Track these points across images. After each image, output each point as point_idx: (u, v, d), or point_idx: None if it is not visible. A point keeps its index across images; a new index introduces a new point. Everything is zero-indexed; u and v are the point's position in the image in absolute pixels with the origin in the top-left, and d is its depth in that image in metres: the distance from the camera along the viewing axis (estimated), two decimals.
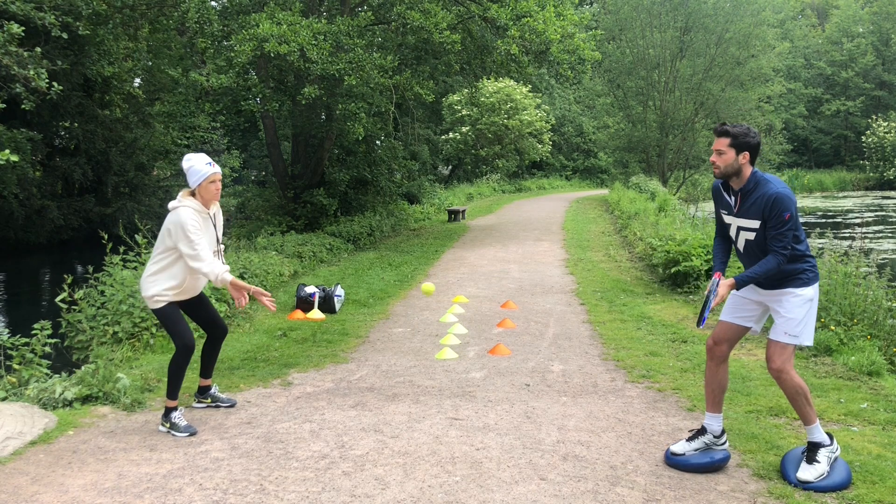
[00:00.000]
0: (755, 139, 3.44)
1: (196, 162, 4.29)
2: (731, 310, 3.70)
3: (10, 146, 15.82)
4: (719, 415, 3.71)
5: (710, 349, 3.71)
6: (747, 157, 3.44)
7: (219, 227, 4.48)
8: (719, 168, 3.48)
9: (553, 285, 9.54)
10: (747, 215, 3.48)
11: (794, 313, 3.47)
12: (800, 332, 3.47)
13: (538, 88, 33.26)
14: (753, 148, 3.44)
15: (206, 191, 4.27)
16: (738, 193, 3.50)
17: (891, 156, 41.55)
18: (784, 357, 3.45)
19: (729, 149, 3.44)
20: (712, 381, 3.70)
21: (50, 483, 3.60)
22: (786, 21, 47.62)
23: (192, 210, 4.22)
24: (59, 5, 12.94)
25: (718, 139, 3.48)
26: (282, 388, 5.21)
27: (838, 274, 6.60)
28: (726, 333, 3.68)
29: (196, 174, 4.25)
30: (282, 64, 12.93)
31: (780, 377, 3.46)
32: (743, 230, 3.54)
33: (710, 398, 3.73)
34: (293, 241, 11.90)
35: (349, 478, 3.61)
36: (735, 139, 3.43)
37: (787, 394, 3.50)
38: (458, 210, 20.40)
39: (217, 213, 4.48)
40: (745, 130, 3.44)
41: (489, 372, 5.55)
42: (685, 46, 27.35)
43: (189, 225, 4.13)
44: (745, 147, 3.43)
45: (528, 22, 12.37)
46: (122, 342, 6.31)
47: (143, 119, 23.76)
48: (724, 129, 3.47)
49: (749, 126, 3.48)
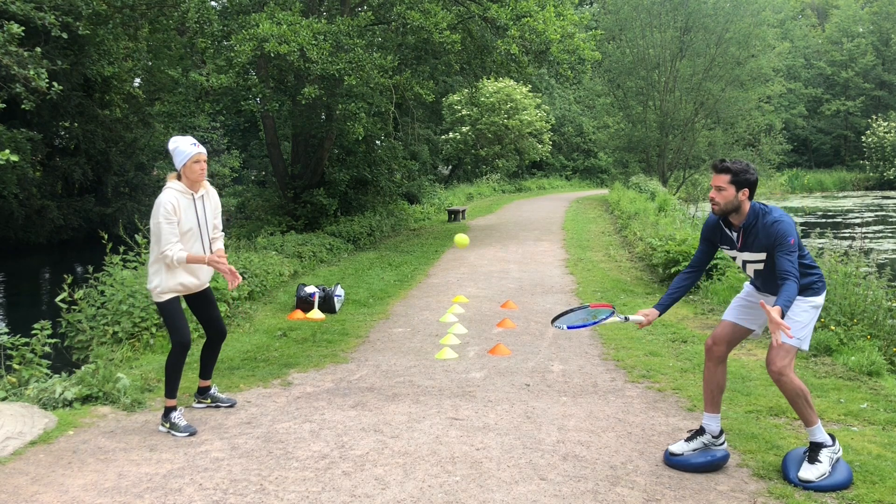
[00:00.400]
0: (754, 176, 3.49)
1: (181, 143, 4.29)
2: (735, 311, 3.72)
3: (10, 146, 15.82)
4: (717, 415, 3.72)
5: (709, 349, 3.72)
6: (746, 193, 3.48)
7: (209, 209, 4.42)
8: (719, 205, 3.51)
9: (553, 285, 9.54)
10: (752, 249, 3.53)
11: (800, 317, 3.50)
12: (803, 336, 3.49)
13: (538, 88, 33.26)
14: (752, 184, 3.49)
15: (191, 171, 4.26)
16: (741, 229, 3.54)
17: (891, 156, 41.54)
18: (786, 360, 3.45)
19: (729, 185, 3.47)
20: (711, 382, 3.72)
21: (50, 483, 3.60)
22: (786, 21, 47.64)
23: (175, 192, 4.21)
24: (59, 5, 12.95)
25: (718, 175, 3.50)
26: (282, 388, 5.21)
27: (838, 274, 6.60)
28: (727, 334, 3.69)
29: (181, 154, 4.25)
30: (282, 64, 12.93)
31: (781, 380, 3.46)
32: (750, 263, 3.60)
33: (708, 398, 3.73)
34: (293, 241, 11.90)
35: (349, 478, 3.61)
36: (735, 176, 3.46)
37: (787, 396, 3.50)
38: (458, 210, 20.41)
39: (207, 195, 4.42)
40: (745, 167, 3.48)
41: (489, 372, 5.55)
42: (685, 46, 27.35)
43: (162, 208, 4.15)
44: (745, 184, 3.46)
45: (528, 22, 12.36)
46: (122, 342, 6.31)
47: (143, 119, 23.76)
48: (725, 167, 3.49)
49: (748, 163, 3.53)
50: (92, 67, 20.14)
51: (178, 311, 4.33)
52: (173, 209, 4.17)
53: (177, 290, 4.32)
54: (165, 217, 4.14)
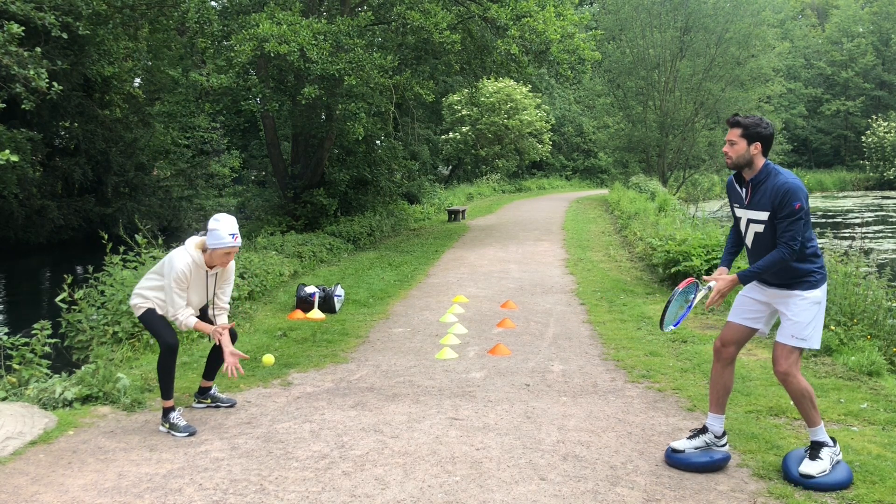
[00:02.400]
0: (767, 130, 3.44)
1: (222, 227, 4.23)
2: (739, 311, 3.67)
3: (10, 146, 15.81)
4: (722, 416, 3.70)
5: (718, 351, 3.67)
6: (759, 147, 3.44)
7: (220, 283, 4.47)
8: (731, 158, 3.49)
9: (553, 285, 9.54)
10: (757, 206, 3.46)
11: (802, 317, 3.44)
12: (808, 335, 3.44)
13: (538, 88, 33.24)
14: (765, 139, 3.44)
15: (218, 257, 4.29)
16: (750, 184, 3.49)
17: (891, 156, 41.57)
18: (790, 360, 3.43)
19: (741, 139, 3.45)
20: (718, 383, 3.68)
21: (50, 483, 3.60)
22: (786, 21, 47.64)
23: (192, 262, 4.24)
24: (59, 5, 12.94)
25: (731, 129, 3.49)
26: (282, 388, 5.22)
27: (838, 274, 6.60)
28: (734, 335, 3.65)
29: (217, 239, 4.22)
30: (282, 64, 12.93)
31: (787, 380, 3.44)
32: (752, 223, 3.52)
33: (714, 399, 3.71)
34: (293, 240, 11.89)
35: (349, 478, 3.61)
36: (746, 129, 3.44)
37: (792, 397, 3.48)
38: (458, 210, 20.40)
39: (222, 272, 4.46)
40: (758, 121, 3.45)
41: (489, 372, 5.55)
42: (685, 46, 27.36)
43: (175, 273, 4.19)
44: (756, 137, 3.43)
45: (528, 22, 12.37)
46: (122, 342, 6.30)
47: (143, 119, 23.75)
48: (737, 120, 3.48)
49: (762, 117, 3.49)
50: (92, 67, 20.13)
51: (157, 317, 4.36)
52: (185, 278, 4.23)
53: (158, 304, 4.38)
54: (177, 283, 4.20)
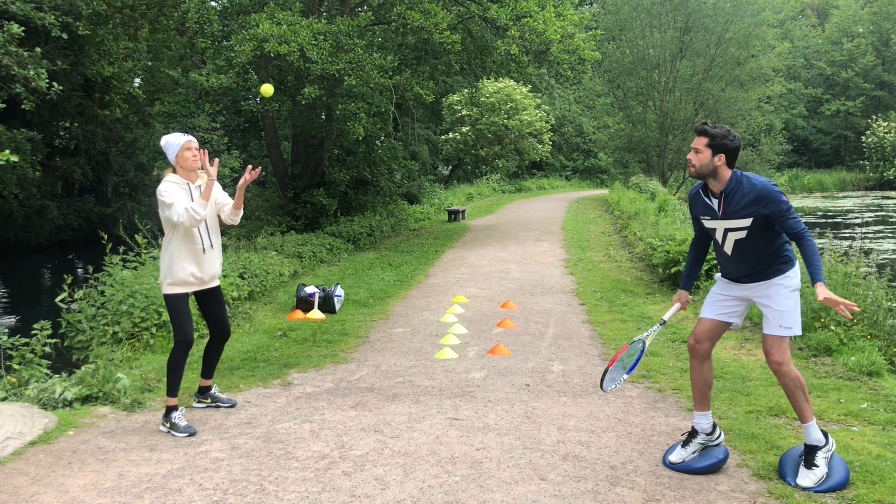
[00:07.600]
0: (733, 142, 3.41)
1: (170, 136, 4.37)
2: (713, 308, 3.70)
3: (10, 146, 15.82)
4: (708, 412, 3.72)
5: (693, 348, 3.71)
6: (723, 159, 3.41)
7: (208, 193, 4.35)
8: (695, 167, 3.47)
9: (553, 285, 9.54)
10: (736, 215, 3.44)
11: (785, 305, 3.48)
12: (793, 322, 3.48)
13: (538, 88, 33.23)
14: (731, 151, 3.41)
15: (183, 160, 4.31)
16: (722, 195, 3.47)
17: (891, 156, 41.55)
18: (783, 349, 3.47)
19: (706, 148, 3.42)
20: (698, 380, 3.71)
21: (50, 483, 3.60)
22: (786, 21, 47.67)
23: (170, 182, 4.27)
24: (59, 5, 12.93)
25: (698, 137, 3.47)
26: (282, 389, 5.22)
27: (838, 274, 6.60)
28: (708, 331, 3.68)
29: (172, 146, 4.32)
30: (282, 64, 12.92)
31: (781, 370, 3.47)
32: (731, 231, 3.49)
33: (697, 397, 3.74)
34: (293, 241, 11.90)
35: (349, 478, 3.61)
36: (713, 139, 3.41)
37: (786, 387, 3.51)
38: (458, 210, 20.39)
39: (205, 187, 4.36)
40: (725, 132, 3.41)
41: (489, 372, 5.55)
42: (685, 46, 27.36)
43: (162, 188, 4.21)
44: (721, 149, 3.40)
45: (528, 22, 12.37)
46: (122, 342, 6.31)
47: (143, 119, 23.75)
48: (704, 129, 3.46)
49: (731, 129, 3.46)
50: (92, 67, 20.13)
51: (185, 308, 4.34)
52: (171, 190, 4.23)
53: (187, 282, 4.32)
54: (166, 195, 4.19)
